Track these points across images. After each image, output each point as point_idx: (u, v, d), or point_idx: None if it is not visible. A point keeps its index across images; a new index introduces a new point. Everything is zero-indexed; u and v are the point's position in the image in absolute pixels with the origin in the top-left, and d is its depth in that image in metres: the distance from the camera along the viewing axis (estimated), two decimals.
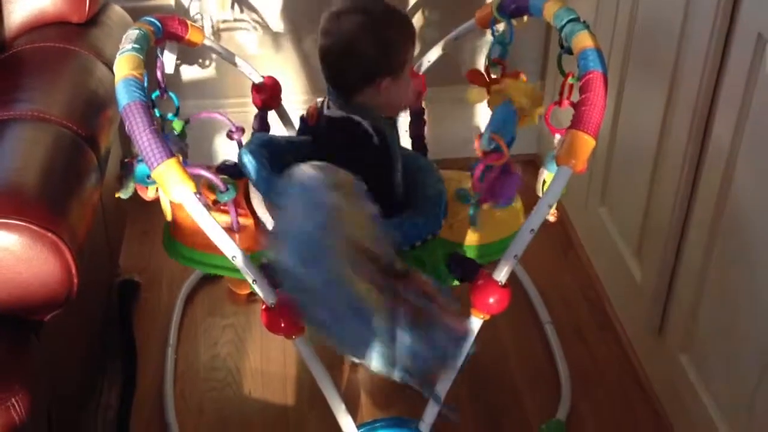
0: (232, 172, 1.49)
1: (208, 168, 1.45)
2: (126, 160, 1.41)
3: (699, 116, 1.40)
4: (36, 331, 1.17)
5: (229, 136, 1.60)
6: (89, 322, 1.52)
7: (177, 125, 1.51)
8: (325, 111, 1.46)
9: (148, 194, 1.38)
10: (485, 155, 1.35)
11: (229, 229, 1.40)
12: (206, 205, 1.40)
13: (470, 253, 1.42)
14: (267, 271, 1.35)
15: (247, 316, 1.86)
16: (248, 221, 1.43)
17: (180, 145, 1.48)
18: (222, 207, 1.39)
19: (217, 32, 2.13)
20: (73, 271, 1.13)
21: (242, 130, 1.59)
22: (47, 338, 1.18)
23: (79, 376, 1.46)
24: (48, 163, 1.23)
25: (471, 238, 1.44)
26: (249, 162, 1.45)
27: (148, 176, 1.33)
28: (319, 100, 1.61)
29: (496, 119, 1.37)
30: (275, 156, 1.49)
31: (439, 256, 1.39)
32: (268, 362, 1.75)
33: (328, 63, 1.44)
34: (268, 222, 1.42)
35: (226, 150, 2.18)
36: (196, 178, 1.31)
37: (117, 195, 1.42)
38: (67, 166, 1.26)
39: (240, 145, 1.60)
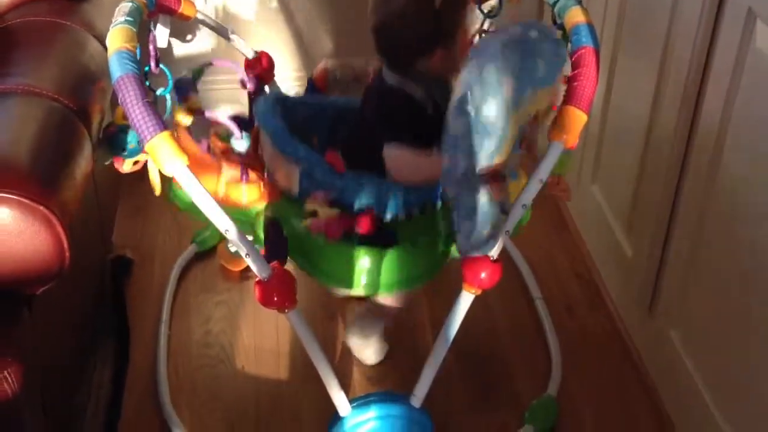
0: (242, 124, 1.49)
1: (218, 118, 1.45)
2: (108, 127, 1.40)
3: (689, 92, 1.40)
4: (28, 305, 1.17)
5: (243, 84, 1.59)
6: (82, 298, 1.52)
7: (196, 69, 1.51)
8: (383, 73, 1.45)
9: (124, 167, 1.37)
10: None
11: (238, 181, 1.41)
12: (215, 154, 1.40)
13: None
14: (274, 229, 1.36)
15: (240, 293, 1.87)
16: (256, 174, 1.43)
17: (194, 88, 1.48)
18: (232, 158, 1.39)
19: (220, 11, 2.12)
20: (65, 244, 1.12)
21: (256, 80, 1.59)
22: (40, 312, 1.18)
23: (72, 351, 1.47)
24: (39, 138, 1.22)
25: None
26: (265, 114, 1.46)
27: (124, 149, 1.33)
28: (329, 60, 1.61)
29: None
30: (288, 112, 1.51)
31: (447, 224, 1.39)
32: (261, 338, 1.76)
33: (381, 39, 1.44)
34: (277, 177, 1.42)
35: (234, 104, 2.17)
36: (205, 127, 1.31)
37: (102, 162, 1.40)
38: (58, 140, 1.26)
39: (250, 95, 1.60)
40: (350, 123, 1.54)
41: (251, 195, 1.41)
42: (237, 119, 1.52)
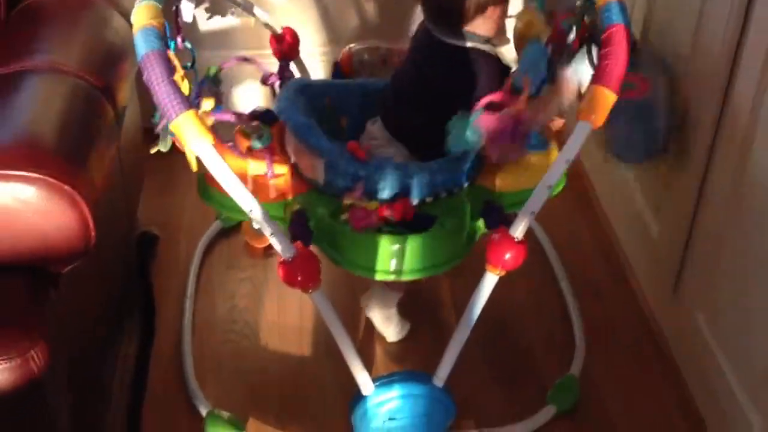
0: (266, 117, 1.48)
1: (241, 115, 1.45)
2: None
3: (721, 69, 1.37)
4: (55, 284, 1.18)
5: (263, 81, 1.59)
6: (108, 275, 1.53)
7: (211, 69, 1.50)
8: (443, 39, 1.42)
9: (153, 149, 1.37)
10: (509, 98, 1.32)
11: (264, 176, 1.41)
12: (240, 152, 1.41)
13: (506, 200, 1.42)
14: (299, 219, 1.36)
15: (264, 269, 1.87)
16: (283, 168, 1.43)
17: (215, 90, 1.48)
18: (257, 154, 1.39)
19: None
20: (90, 224, 1.13)
21: (276, 75, 1.59)
22: (66, 290, 1.19)
23: (98, 328, 1.48)
24: (64, 116, 1.23)
25: (507, 184, 1.43)
26: (286, 108, 1.45)
27: None
28: (353, 45, 1.60)
29: (526, 60, 1.34)
30: (313, 100, 1.50)
31: (476, 204, 1.40)
32: (284, 315, 1.77)
33: (431, 4, 1.42)
34: (303, 168, 1.42)
35: (258, 97, 2.17)
36: (231, 126, 1.30)
37: (154, 150, 1.40)
38: (83, 118, 1.26)
39: (273, 90, 1.60)
40: (395, 97, 1.52)
41: (278, 190, 1.41)
42: (259, 113, 1.52)
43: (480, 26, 1.40)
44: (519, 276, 1.34)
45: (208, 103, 1.38)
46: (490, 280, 1.29)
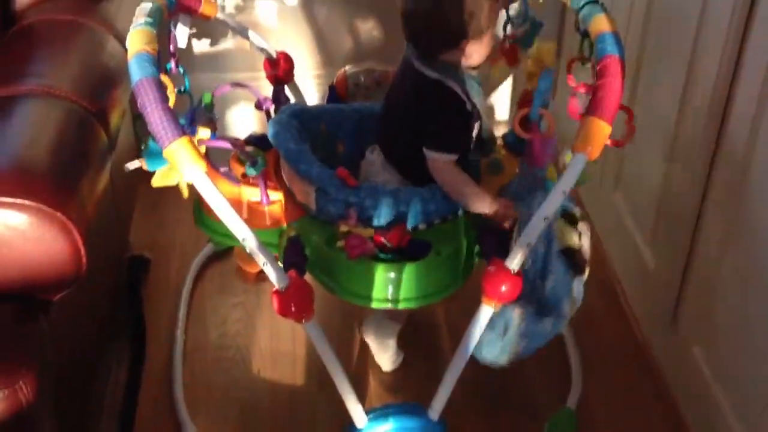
0: (261, 143, 1.47)
1: (236, 140, 1.45)
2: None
3: (717, 102, 1.37)
4: (45, 311, 1.16)
5: (258, 106, 1.58)
6: (98, 299, 1.51)
7: (206, 97, 1.50)
8: (416, 64, 1.42)
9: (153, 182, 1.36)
10: (533, 131, 1.33)
11: (259, 203, 1.40)
12: (235, 179, 1.40)
13: None
14: (294, 245, 1.34)
15: (257, 295, 1.86)
16: (278, 194, 1.42)
17: (209, 117, 1.47)
18: (252, 180, 1.38)
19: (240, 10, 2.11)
20: (82, 251, 1.12)
21: (270, 100, 1.58)
22: (56, 317, 1.18)
23: (88, 353, 1.46)
24: (57, 141, 1.21)
25: None
26: (278, 134, 1.44)
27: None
28: (348, 68, 1.59)
29: (542, 91, 1.34)
30: (307, 125, 1.49)
31: (471, 231, 1.40)
32: (277, 341, 1.75)
33: (411, 28, 1.41)
34: (296, 194, 1.42)
35: (254, 121, 2.17)
36: (225, 152, 1.29)
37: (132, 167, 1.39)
38: (76, 143, 1.25)
39: (268, 115, 1.59)
40: (384, 121, 1.52)
41: (273, 217, 1.40)
42: (254, 139, 1.51)
43: (452, 55, 1.40)
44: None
45: (204, 132, 1.37)
46: (486, 312, 1.27)
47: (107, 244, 1.55)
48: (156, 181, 1.36)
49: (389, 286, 1.34)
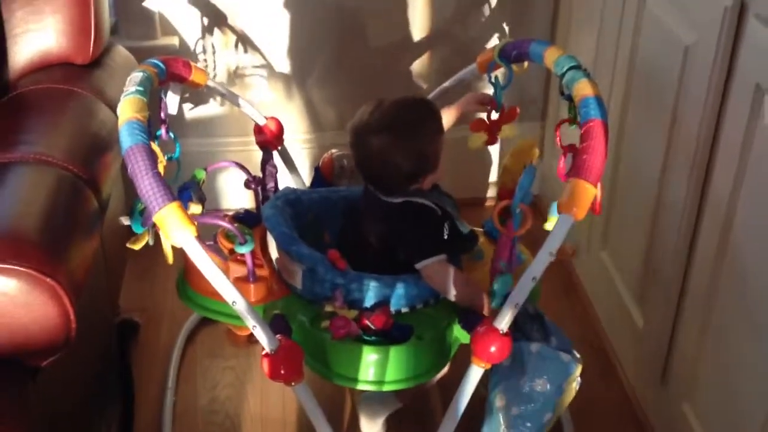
0: (249, 220, 1.50)
1: (225, 216, 1.47)
2: (137, 204, 1.40)
3: (699, 163, 1.40)
4: (34, 377, 1.16)
5: (247, 185, 1.61)
6: (88, 364, 1.50)
7: (199, 174, 1.52)
8: (380, 196, 1.46)
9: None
10: (508, 227, 1.35)
11: (245, 279, 1.41)
12: (222, 255, 1.42)
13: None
14: (280, 322, 1.35)
15: (247, 359, 1.85)
16: (264, 272, 1.44)
17: (200, 195, 1.49)
18: (239, 257, 1.40)
19: (231, 77, 2.15)
20: (72, 316, 1.12)
21: (259, 180, 1.60)
22: (45, 383, 1.17)
23: (77, 419, 1.45)
24: (48, 207, 1.22)
25: None
26: (272, 217, 1.48)
27: None
28: (334, 151, 1.63)
29: (523, 187, 1.36)
30: (298, 210, 1.54)
31: (452, 315, 1.41)
32: (267, 407, 1.74)
33: (365, 174, 1.47)
34: (284, 273, 1.45)
35: (241, 193, 2.18)
36: (214, 228, 1.31)
37: (137, 246, 1.39)
38: (67, 209, 1.26)
39: (257, 194, 1.62)
40: (348, 233, 1.55)
41: (259, 293, 1.42)
42: (243, 216, 1.54)
43: (411, 188, 1.44)
44: None
45: (195, 208, 1.39)
46: (475, 373, 1.28)
47: (97, 308, 1.55)
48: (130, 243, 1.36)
49: (372, 368, 1.34)
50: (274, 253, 1.49)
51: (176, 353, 1.85)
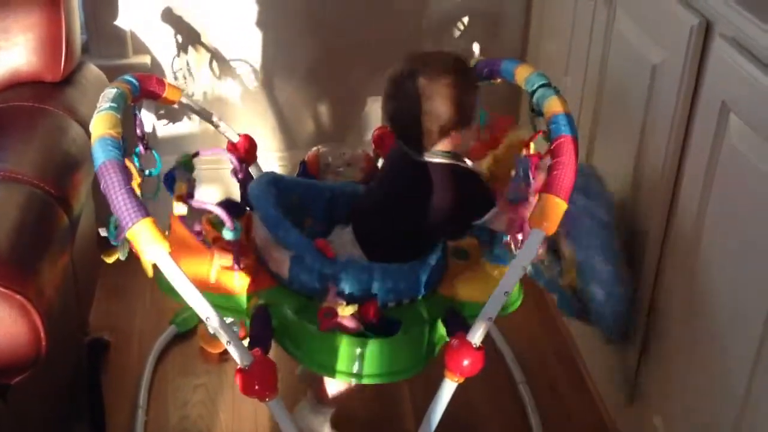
0: (233, 209, 1.48)
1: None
2: (111, 218, 1.39)
3: (666, 179, 1.41)
4: (3, 395, 1.15)
5: (234, 173, 1.60)
6: (57, 383, 1.49)
7: (184, 157, 1.51)
8: (414, 156, 1.45)
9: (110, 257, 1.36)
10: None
11: (230, 267, 1.40)
12: (206, 241, 1.40)
13: (467, 311, 1.42)
14: (261, 315, 1.34)
15: (219, 376, 1.84)
16: (249, 260, 1.43)
17: (187, 177, 1.48)
18: (224, 245, 1.39)
19: (204, 94, 2.15)
20: (42, 333, 1.11)
21: (246, 170, 1.60)
22: (14, 401, 1.16)
23: None
24: (18, 224, 1.22)
25: (468, 295, 1.44)
26: (258, 197, 1.46)
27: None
28: (321, 147, 1.63)
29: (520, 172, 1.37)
30: (282, 194, 1.51)
31: (438, 313, 1.40)
32: (239, 423, 1.73)
33: (400, 125, 1.46)
34: (269, 261, 1.42)
35: (223, 191, 2.18)
36: (197, 213, 1.29)
37: (112, 259, 1.38)
38: (37, 226, 1.25)
39: (242, 183, 1.61)
40: (367, 205, 1.54)
41: (243, 282, 1.41)
42: (227, 204, 1.52)
43: (446, 145, 1.43)
44: (478, 381, 1.34)
45: (180, 208, 1.38)
46: (448, 387, 1.28)
47: (67, 326, 1.53)
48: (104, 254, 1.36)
49: (355, 361, 1.34)
50: (260, 239, 1.46)
51: (147, 371, 1.83)
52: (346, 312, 1.32)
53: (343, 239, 1.50)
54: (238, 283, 1.40)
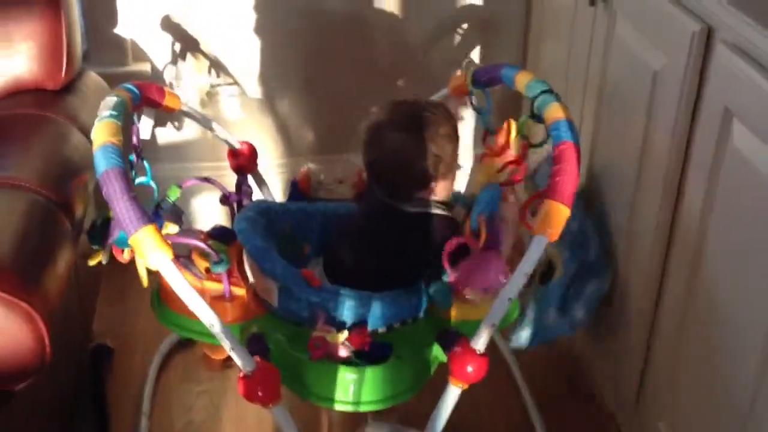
0: (224, 236, 1.49)
1: (200, 233, 1.46)
2: (97, 222, 1.40)
3: (669, 186, 1.42)
4: (7, 402, 1.15)
5: (223, 201, 1.60)
6: (61, 390, 1.49)
7: (173, 192, 1.52)
8: (390, 202, 1.45)
9: (124, 256, 1.37)
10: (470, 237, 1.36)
11: (221, 298, 1.40)
12: (198, 274, 1.41)
13: (463, 330, 1.39)
14: (257, 342, 1.34)
15: (222, 382, 1.84)
16: (240, 290, 1.43)
17: (175, 211, 1.48)
18: (214, 276, 1.39)
19: (206, 100, 2.15)
20: (46, 340, 1.11)
21: (235, 196, 1.60)
22: (18, 408, 1.16)
23: None
24: (21, 231, 1.22)
25: (463, 315, 1.43)
26: (245, 230, 1.46)
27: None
28: (311, 165, 1.62)
29: (482, 201, 1.37)
30: (274, 224, 1.51)
31: (431, 334, 1.40)
32: (244, 430, 1.73)
33: (378, 175, 1.46)
34: (259, 290, 1.43)
35: (218, 213, 2.18)
36: (188, 246, 1.30)
37: (93, 262, 1.40)
38: (40, 233, 1.25)
39: (232, 210, 1.61)
40: (339, 245, 1.53)
41: (235, 311, 1.41)
42: (218, 232, 1.52)
43: (425, 194, 1.44)
44: (482, 387, 1.34)
45: (172, 228, 1.38)
46: (452, 394, 1.28)
47: (71, 332, 1.54)
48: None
49: (350, 388, 1.33)
50: (250, 269, 1.47)
51: (151, 378, 1.83)
52: (335, 339, 1.32)
53: (317, 271, 1.51)
54: (230, 313, 1.42)
